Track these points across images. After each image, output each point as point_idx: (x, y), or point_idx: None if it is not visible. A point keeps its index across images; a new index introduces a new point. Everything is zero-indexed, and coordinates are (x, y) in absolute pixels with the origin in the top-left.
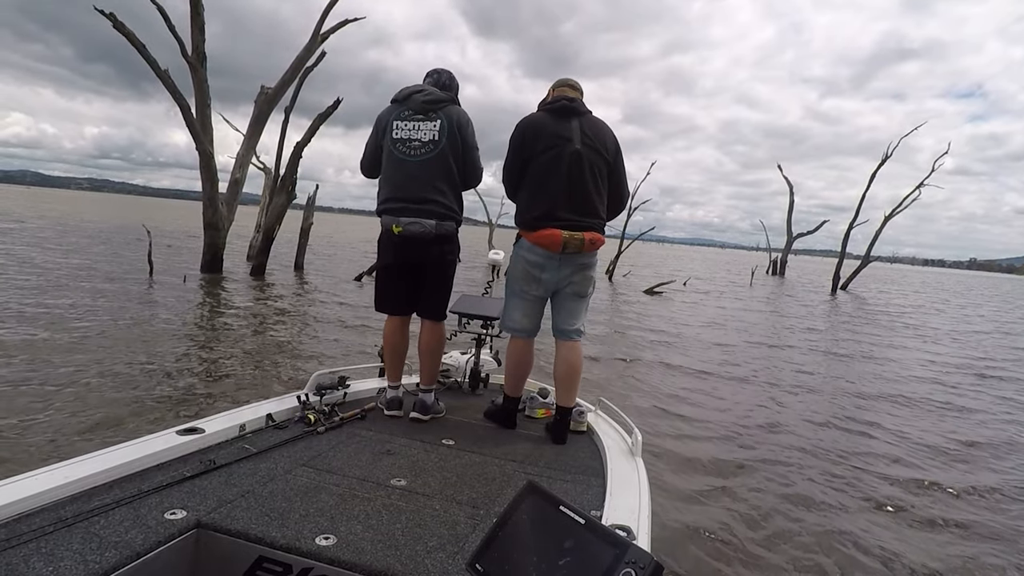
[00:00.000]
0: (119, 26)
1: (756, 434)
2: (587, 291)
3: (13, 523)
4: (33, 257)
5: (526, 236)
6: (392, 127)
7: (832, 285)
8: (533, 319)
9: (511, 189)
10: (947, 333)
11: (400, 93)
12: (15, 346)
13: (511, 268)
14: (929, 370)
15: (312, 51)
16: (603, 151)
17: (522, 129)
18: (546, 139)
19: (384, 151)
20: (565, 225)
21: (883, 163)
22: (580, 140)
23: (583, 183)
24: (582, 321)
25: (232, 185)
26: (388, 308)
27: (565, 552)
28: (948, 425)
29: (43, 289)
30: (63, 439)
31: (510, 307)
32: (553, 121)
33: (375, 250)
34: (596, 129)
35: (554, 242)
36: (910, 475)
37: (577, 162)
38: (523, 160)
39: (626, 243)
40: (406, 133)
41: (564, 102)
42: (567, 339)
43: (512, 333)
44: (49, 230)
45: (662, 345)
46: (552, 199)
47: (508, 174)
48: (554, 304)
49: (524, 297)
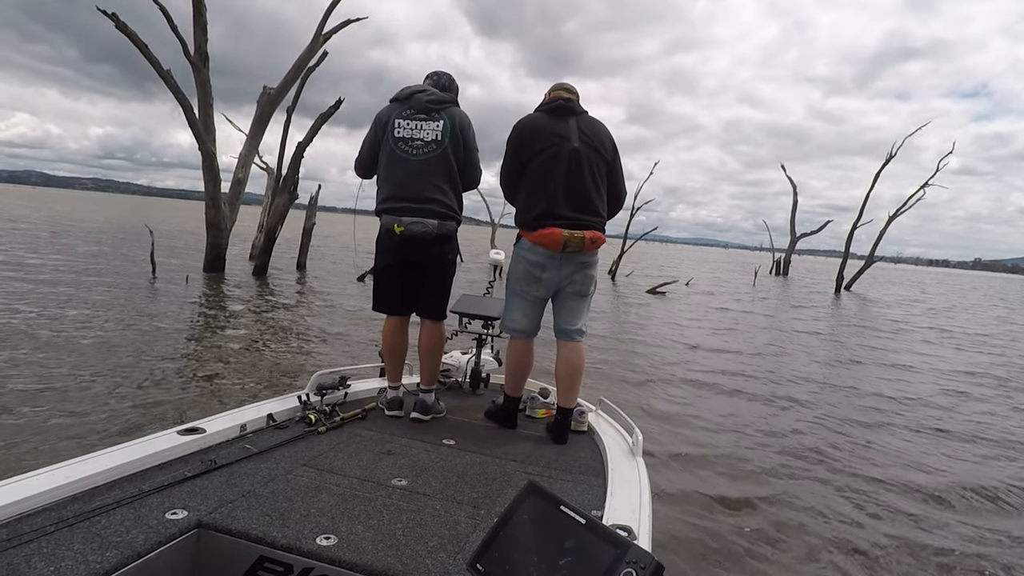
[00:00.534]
0: (121, 26)
1: (756, 436)
2: (588, 290)
3: (14, 523)
4: (30, 257)
5: (526, 236)
6: (394, 125)
7: (836, 285)
8: (533, 320)
9: (509, 191)
10: (964, 336)
11: (401, 92)
12: (12, 346)
13: (511, 268)
14: (937, 379)
15: (314, 51)
16: (601, 149)
17: (520, 130)
18: (544, 138)
19: (384, 150)
20: (565, 224)
21: (887, 163)
22: (578, 138)
23: (582, 181)
24: (584, 321)
25: (234, 185)
26: (387, 308)
27: (566, 552)
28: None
29: (43, 289)
30: (59, 441)
31: (510, 307)
32: (551, 121)
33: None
34: (593, 128)
35: (554, 241)
36: (916, 480)
37: (576, 160)
38: (521, 161)
39: (629, 243)
40: (408, 132)
41: (561, 102)
42: (569, 339)
43: (512, 334)
44: (51, 230)
45: (663, 346)
46: (552, 198)
47: (506, 175)
48: (555, 304)
49: (525, 297)
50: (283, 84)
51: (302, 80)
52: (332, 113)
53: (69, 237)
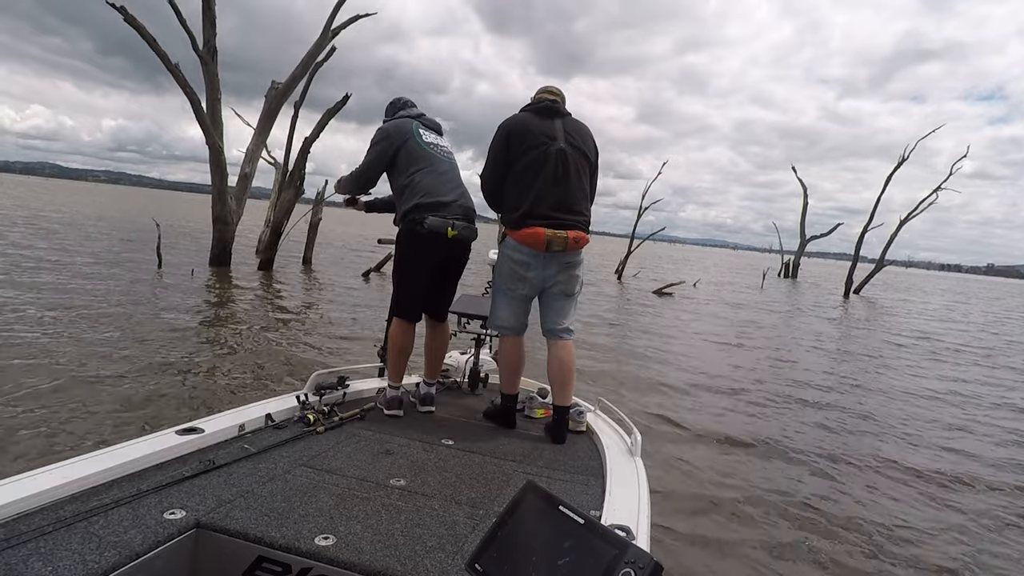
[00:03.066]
0: (130, 19)
1: (757, 440)
2: (574, 290)
3: (12, 523)
4: (41, 251)
5: (511, 235)
6: (417, 132)
7: (845, 289)
8: (520, 317)
9: (491, 191)
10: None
11: (408, 108)
12: (12, 336)
13: (498, 267)
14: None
15: (323, 46)
16: (586, 151)
17: (507, 129)
18: (532, 137)
19: (413, 153)
20: (549, 224)
21: (899, 165)
22: (565, 139)
23: (568, 182)
24: (571, 320)
25: (241, 180)
26: (414, 312)
27: (564, 552)
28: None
29: (47, 280)
30: (59, 437)
31: (497, 305)
32: (538, 120)
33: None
34: (579, 130)
35: (537, 240)
36: (924, 488)
37: (563, 161)
38: (508, 159)
39: (636, 242)
40: (433, 139)
41: (547, 102)
42: (557, 338)
43: (500, 331)
44: (63, 224)
45: (665, 347)
46: (536, 197)
47: (491, 173)
48: (542, 303)
49: (511, 295)
50: (291, 79)
51: (310, 75)
52: (339, 108)
53: (83, 229)
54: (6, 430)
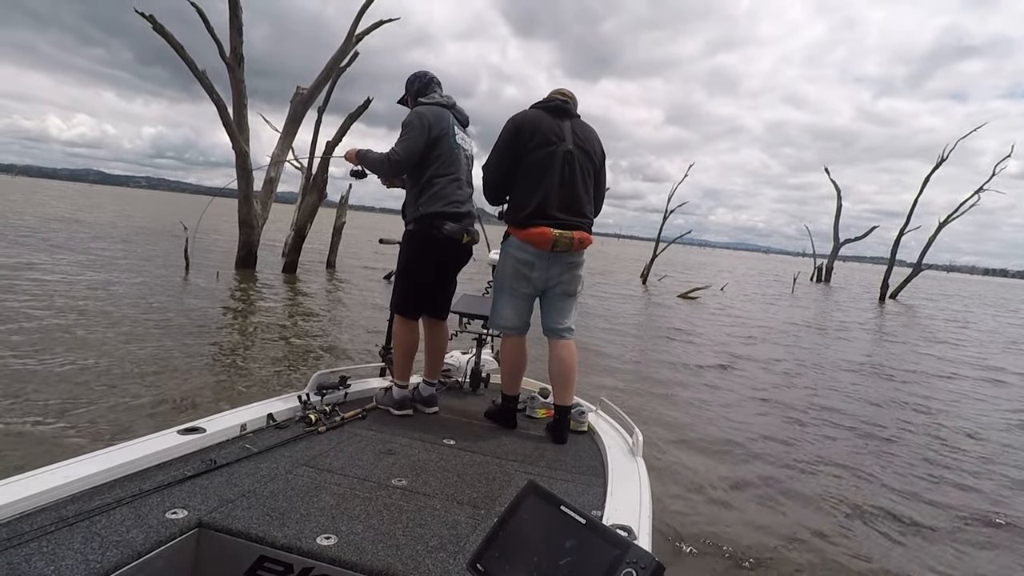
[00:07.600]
0: (158, 28)
1: (764, 444)
2: (576, 290)
3: (14, 522)
4: (76, 249)
5: (515, 234)
6: (453, 130)
7: (880, 294)
8: (523, 316)
9: (495, 185)
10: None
11: (434, 88)
12: (38, 335)
13: (500, 266)
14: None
15: (347, 52)
16: (593, 154)
17: (517, 123)
18: (541, 135)
19: (440, 153)
20: (555, 224)
21: (938, 166)
22: (572, 141)
23: (574, 183)
24: (572, 319)
25: (266, 184)
26: (418, 312)
27: (566, 552)
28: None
29: (77, 279)
30: (72, 435)
31: (499, 304)
32: (549, 119)
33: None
34: (586, 132)
35: (544, 240)
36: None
37: (570, 162)
38: (516, 153)
39: (662, 246)
40: (461, 141)
41: (559, 102)
42: (559, 337)
43: (502, 331)
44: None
45: (683, 351)
46: (543, 197)
47: (495, 166)
48: (543, 303)
49: (514, 295)
50: (316, 84)
51: (333, 80)
52: (360, 113)
53: (118, 231)
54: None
